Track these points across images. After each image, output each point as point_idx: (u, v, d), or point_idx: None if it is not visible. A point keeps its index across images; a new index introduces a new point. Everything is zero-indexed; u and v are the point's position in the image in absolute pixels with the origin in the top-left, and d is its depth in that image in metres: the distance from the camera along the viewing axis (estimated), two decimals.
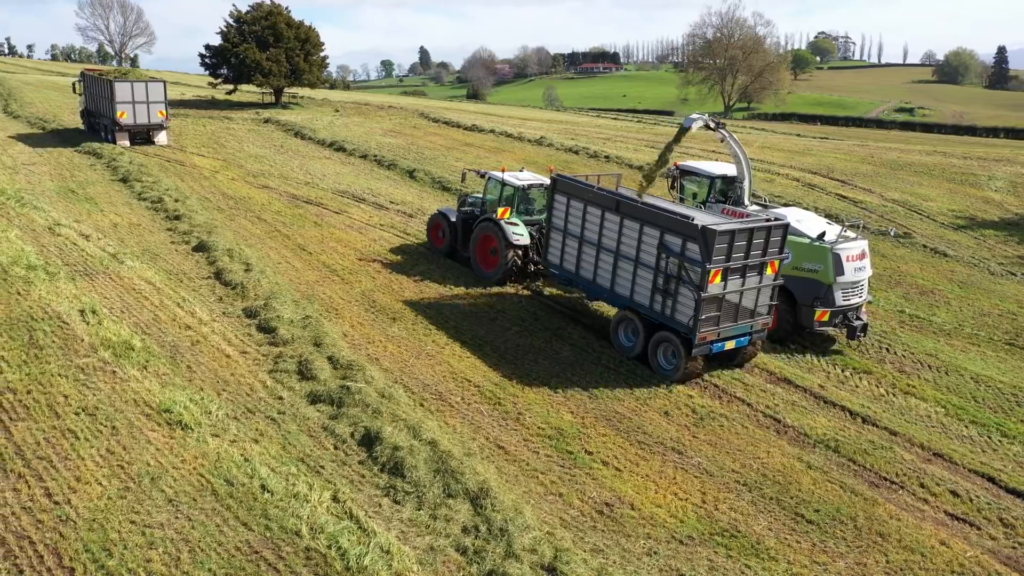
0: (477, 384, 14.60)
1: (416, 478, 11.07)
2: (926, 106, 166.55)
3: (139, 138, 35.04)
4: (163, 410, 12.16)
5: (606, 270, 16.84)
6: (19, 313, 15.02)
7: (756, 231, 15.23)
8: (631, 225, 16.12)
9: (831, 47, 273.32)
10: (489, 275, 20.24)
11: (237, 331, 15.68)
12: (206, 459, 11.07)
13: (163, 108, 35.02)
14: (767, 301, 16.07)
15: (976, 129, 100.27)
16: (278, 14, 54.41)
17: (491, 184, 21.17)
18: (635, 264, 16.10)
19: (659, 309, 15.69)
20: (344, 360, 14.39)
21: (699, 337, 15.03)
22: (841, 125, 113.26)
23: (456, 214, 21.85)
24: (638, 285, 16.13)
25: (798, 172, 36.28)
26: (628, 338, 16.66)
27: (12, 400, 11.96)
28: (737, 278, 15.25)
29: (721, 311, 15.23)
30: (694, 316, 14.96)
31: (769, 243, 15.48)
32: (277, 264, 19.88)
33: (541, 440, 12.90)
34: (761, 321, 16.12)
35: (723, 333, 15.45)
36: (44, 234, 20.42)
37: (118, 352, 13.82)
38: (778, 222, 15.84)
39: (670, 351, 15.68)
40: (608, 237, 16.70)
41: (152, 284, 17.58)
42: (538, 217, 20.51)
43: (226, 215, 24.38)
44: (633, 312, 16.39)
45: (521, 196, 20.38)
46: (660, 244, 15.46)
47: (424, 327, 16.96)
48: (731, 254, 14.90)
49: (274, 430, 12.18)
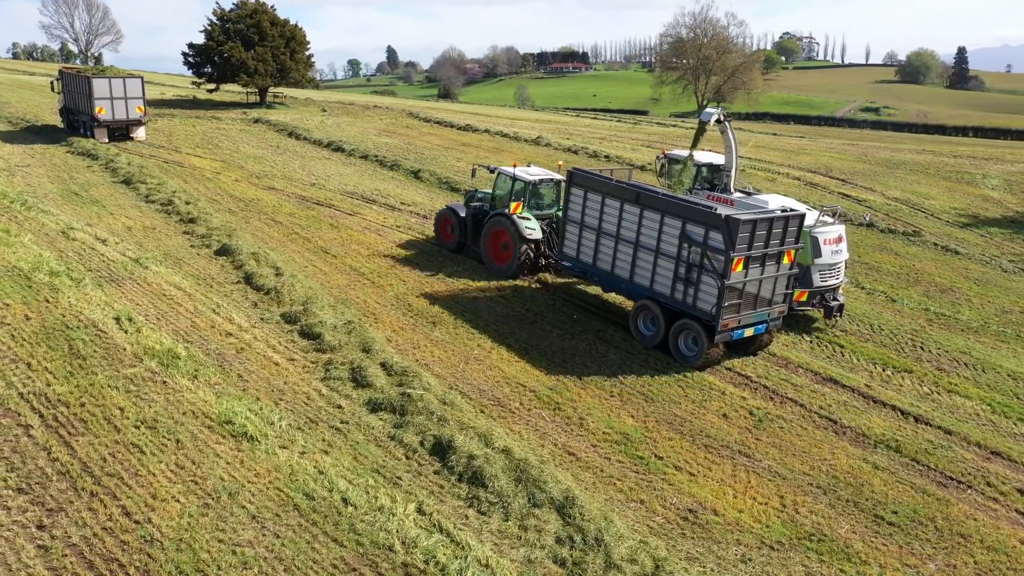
0: (532, 389, 14.35)
1: (499, 488, 10.79)
2: (891, 105, 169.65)
3: (118, 133, 35.11)
4: (224, 421, 11.73)
5: (625, 261, 17.15)
6: (53, 322, 14.43)
7: (775, 221, 15.67)
8: (651, 216, 16.44)
9: (796, 47, 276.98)
10: (502, 269, 20.38)
11: (280, 337, 15.24)
12: (280, 472, 10.67)
13: (141, 104, 35.23)
14: (783, 290, 16.42)
15: (945, 128, 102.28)
16: (263, 12, 53.49)
17: (501, 179, 21.30)
18: (655, 254, 16.43)
19: (680, 297, 16.02)
20: (398, 366, 14.05)
21: (722, 324, 15.36)
22: (814, 124, 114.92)
23: (465, 209, 21.95)
24: (658, 275, 16.47)
25: (798, 171, 36.56)
26: (647, 327, 16.94)
27: (67, 414, 11.45)
28: (757, 267, 15.65)
29: (742, 299, 15.58)
30: (717, 303, 15.31)
31: (787, 233, 15.91)
32: (304, 268, 19.42)
33: (609, 446, 12.69)
34: (777, 309, 16.48)
35: (743, 320, 15.84)
36: (58, 238, 19.71)
37: (164, 361, 13.33)
38: (795, 213, 16.23)
39: (691, 338, 16.01)
40: (627, 228, 16.99)
41: (182, 289, 17.04)
42: (547, 212, 20.81)
43: (239, 217, 23.79)
44: (653, 301, 16.61)
45: (531, 191, 20.54)
46: (682, 234, 15.81)
47: (466, 331, 16.66)
48: (752, 243, 15.31)
49: (341, 440, 11.81)
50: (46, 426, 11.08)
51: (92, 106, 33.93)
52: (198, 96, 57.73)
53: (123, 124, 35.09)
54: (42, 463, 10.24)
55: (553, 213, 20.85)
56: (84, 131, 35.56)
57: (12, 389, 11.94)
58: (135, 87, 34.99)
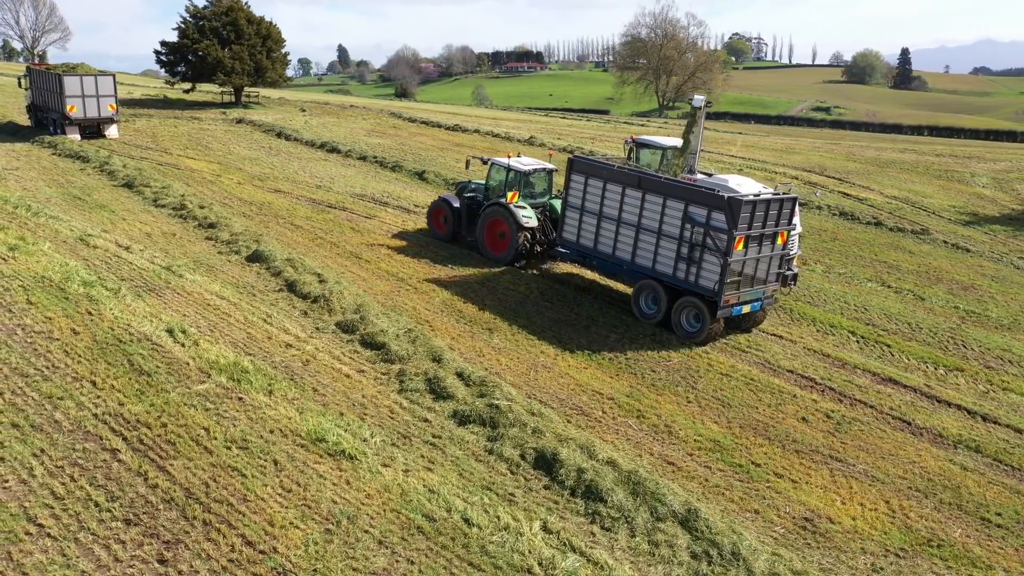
0: (610, 396, 14.03)
1: (617, 502, 10.45)
2: (840, 105, 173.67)
3: (89, 132, 34.53)
4: (316, 439, 11.14)
5: (626, 244, 17.88)
6: (104, 336, 13.60)
7: (772, 203, 16.48)
8: (653, 199, 17.16)
9: (746, 48, 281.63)
10: (499, 257, 20.98)
11: (341, 348, 14.64)
12: (391, 493, 10.16)
13: (113, 102, 34.73)
14: (776, 269, 17.29)
15: (901, 127, 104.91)
16: (238, 9, 52.08)
17: (494, 170, 21.79)
18: (658, 236, 17.17)
19: (683, 276, 16.79)
20: (475, 376, 13.59)
21: (724, 300, 16.15)
22: (774, 123, 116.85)
23: (459, 200, 22.38)
24: (660, 255, 17.21)
25: (794, 171, 36.94)
26: (649, 306, 17.68)
27: (151, 436, 10.73)
28: (755, 246, 16.49)
29: (742, 276, 16.41)
30: (719, 280, 16.09)
31: (781, 215, 16.75)
32: (342, 274, 18.75)
33: (704, 454, 12.44)
34: (771, 288, 17.39)
35: (742, 297, 16.69)
36: (79, 246, 18.70)
37: (234, 376, 12.65)
38: (789, 196, 17.06)
39: (693, 314, 16.82)
40: (629, 212, 17.69)
41: (225, 299, 16.28)
42: (540, 201, 21.44)
43: (257, 222, 22.94)
44: (655, 281, 17.34)
45: (525, 181, 21.12)
46: (685, 215, 16.56)
47: (525, 338, 16.26)
48: (752, 223, 16.14)
49: (440, 456, 11.32)
50: (133, 450, 10.36)
51: (63, 104, 33.19)
52: (169, 95, 55.95)
53: (95, 122, 34.51)
54: (142, 490, 9.56)
55: (546, 202, 21.45)
56: (54, 129, 34.78)
57: (85, 410, 11.17)
58: (107, 85, 34.44)
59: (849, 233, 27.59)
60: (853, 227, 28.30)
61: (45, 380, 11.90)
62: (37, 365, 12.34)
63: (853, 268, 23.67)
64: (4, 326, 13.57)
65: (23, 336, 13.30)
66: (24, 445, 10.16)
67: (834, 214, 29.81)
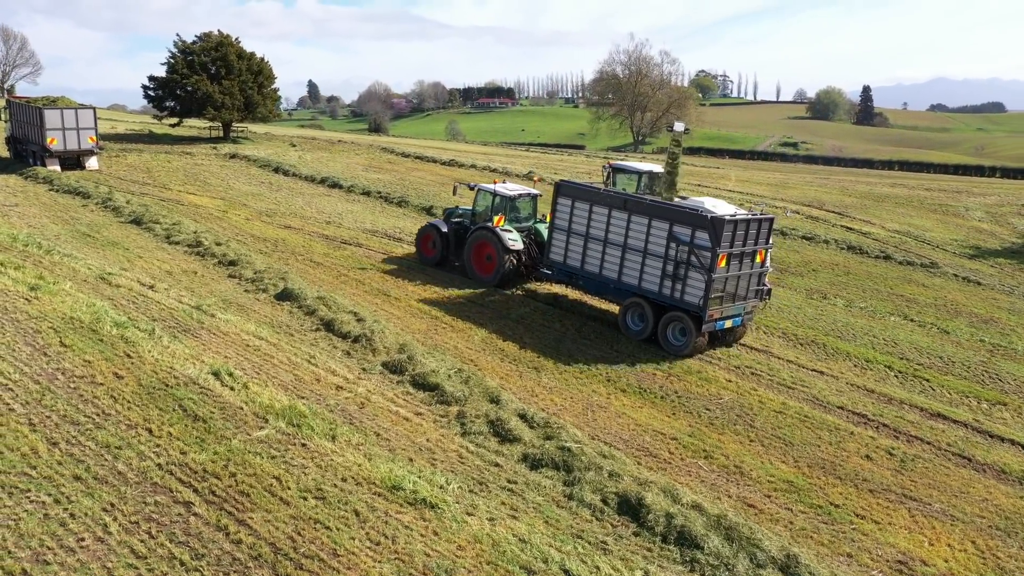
0: (672, 436, 13.71)
1: (714, 548, 10.08)
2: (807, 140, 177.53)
3: (69, 163, 34.89)
4: (392, 487, 10.65)
5: (613, 263, 18.71)
6: (149, 380, 13.00)
7: (751, 223, 17.49)
8: (639, 220, 18.08)
9: (712, 84, 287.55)
10: (487, 279, 21.63)
11: (393, 389, 14.17)
12: (482, 544, 9.69)
13: (93, 134, 35.30)
14: (756, 286, 18.18)
15: (872, 162, 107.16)
16: (228, 44, 51.76)
17: (481, 195, 22.73)
18: (643, 255, 18.05)
19: (668, 293, 17.64)
20: (538, 418, 13.21)
21: (708, 315, 16.97)
22: (748, 159, 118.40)
23: (447, 225, 23.14)
24: (647, 273, 18.06)
25: (794, 205, 37.33)
26: (635, 323, 18.43)
27: (221, 487, 10.17)
28: (737, 263, 17.40)
29: (724, 292, 17.24)
30: (704, 296, 16.95)
31: (760, 234, 17.78)
32: (375, 312, 18.30)
33: (781, 495, 12.15)
34: (751, 304, 18.31)
35: (725, 312, 17.53)
36: (100, 285, 18.05)
37: (293, 421, 12.13)
38: (767, 216, 18.16)
39: (679, 329, 17.60)
40: (615, 232, 18.57)
41: (263, 339, 15.74)
42: (525, 224, 22.31)
43: (276, 259, 22.43)
44: (642, 298, 18.13)
45: (511, 205, 22.02)
46: (670, 235, 17.46)
47: (572, 376, 15.92)
48: (734, 241, 17.06)
49: (521, 503, 10.89)
50: (207, 502, 9.79)
51: (44, 136, 33.60)
52: (154, 130, 55.31)
53: (75, 154, 34.89)
54: (227, 547, 8.99)
55: (531, 226, 22.35)
56: (34, 160, 35.08)
57: (147, 460, 10.58)
58: (87, 118, 35.06)
59: (860, 267, 27.79)
60: (863, 261, 28.52)
61: (98, 428, 11.28)
62: (87, 412, 11.71)
63: (872, 302, 23.75)
64: (44, 371, 12.92)
65: (65, 381, 12.66)
66: (92, 499, 9.54)
67: (842, 248, 30.06)
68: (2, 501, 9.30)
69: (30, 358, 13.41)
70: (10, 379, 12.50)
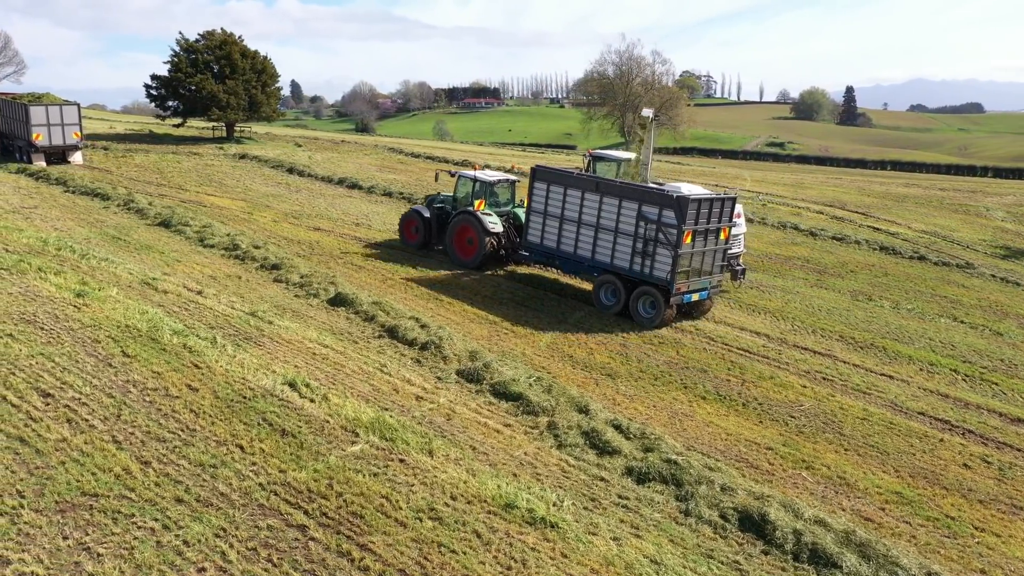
0: (767, 446, 13.24)
1: (852, 567, 9.60)
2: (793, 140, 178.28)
3: (55, 159, 35.85)
4: (505, 505, 10.10)
5: (587, 242, 19.69)
6: (225, 392, 12.36)
7: (715, 201, 18.53)
8: (610, 201, 19.10)
9: (696, 85, 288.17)
10: (467, 262, 22.57)
11: (476, 399, 13.59)
12: (615, 567, 9.17)
13: (78, 130, 36.39)
14: (720, 262, 19.31)
15: (866, 162, 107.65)
16: (232, 43, 50.86)
17: (462, 182, 23.70)
18: (615, 234, 19.05)
19: (638, 269, 18.67)
20: (633, 428, 12.69)
21: (676, 288, 18.10)
22: (741, 159, 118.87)
23: (429, 211, 24.17)
24: (618, 251, 19.06)
25: (817, 205, 37.07)
26: (608, 298, 19.46)
27: (331, 508, 9.57)
28: (702, 240, 18.42)
29: (690, 267, 18.34)
30: (671, 271, 18.04)
31: (723, 212, 18.75)
32: (433, 317, 17.70)
33: (895, 507, 11.70)
34: (716, 278, 19.41)
35: (691, 286, 18.63)
36: (147, 291, 17.32)
37: (384, 435, 11.54)
38: (729, 196, 19.13)
39: (649, 303, 18.66)
40: (588, 213, 19.57)
41: (328, 347, 15.11)
42: (504, 209, 23.30)
43: (316, 262, 21.76)
44: (614, 275, 19.16)
45: (490, 191, 22.92)
46: (639, 214, 18.46)
47: (649, 384, 15.41)
48: (698, 219, 18.08)
49: (640, 521, 10.36)
50: (321, 526, 9.19)
51: (29, 132, 34.71)
52: (154, 130, 54.28)
53: (60, 150, 35.85)
54: (355, 574, 8.39)
55: (510, 210, 23.30)
56: (20, 156, 36.17)
57: (247, 480, 9.95)
58: (72, 114, 36.11)
59: (897, 268, 27.52)
60: (898, 262, 28.25)
61: (187, 445, 10.64)
62: (170, 428, 11.06)
63: (918, 304, 23.44)
64: (114, 384, 12.24)
65: (139, 395, 11.99)
66: (201, 524, 8.91)
67: (874, 248, 29.79)
68: (108, 528, 8.65)
69: (96, 370, 12.72)
70: (82, 393, 11.81)
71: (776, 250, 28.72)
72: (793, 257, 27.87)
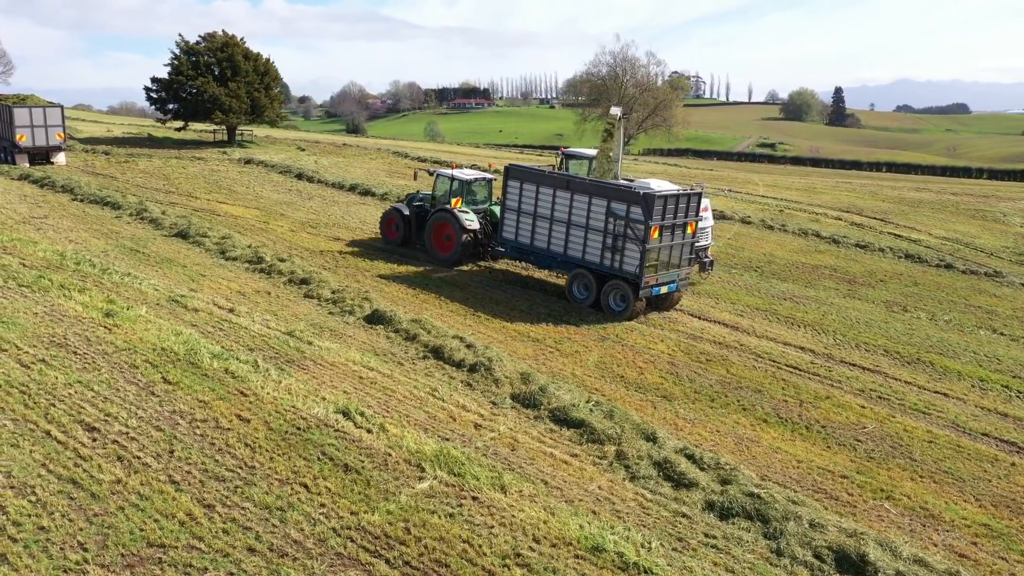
0: (842, 474, 12.69)
1: None
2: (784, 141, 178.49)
3: (38, 159, 36.56)
4: (593, 548, 9.50)
5: (559, 238, 20.27)
6: (278, 424, 11.70)
7: (681, 197, 19.14)
8: (580, 198, 19.65)
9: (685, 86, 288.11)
10: (446, 258, 23.15)
11: (535, 426, 12.97)
12: None
13: (61, 131, 37.12)
14: (687, 255, 19.93)
15: (861, 164, 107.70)
16: (235, 45, 49.96)
17: (440, 180, 24.31)
18: (586, 230, 19.61)
19: (609, 263, 19.27)
20: (707, 458, 12.11)
21: (644, 281, 18.65)
22: (736, 160, 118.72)
23: (409, 209, 24.87)
24: (589, 246, 19.62)
25: (835, 211, 36.68)
26: (581, 292, 20.06)
27: (413, 556, 8.93)
28: (669, 234, 19.01)
29: (659, 261, 18.92)
30: (640, 265, 18.60)
31: (689, 207, 19.37)
32: (476, 337, 17.05)
33: (985, 541, 11.17)
34: (684, 271, 20.04)
35: (660, 279, 19.19)
36: (177, 309, 16.60)
37: (452, 469, 10.92)
38: (695, 191, 19.75)
39: (619, 296, 19.26)
40: (560, 211, 20.14)
41: (374, 370, 14.45)
42: (481, 206, 23.87)
43: (343, 275, 21.07)
44: (586, 269, 19.75)
45: (467, 189, 23.50)
46: (608, 211, 19.03)
47: (706, 405, 14.85)
48: (665, 215, 18.68)
49: (732, 563, 9.78)
50: None
51: (13, 133, 35.56)
52: (153, 134, 53.34)
53: (44, 150, 36.56)
54: None
55: (486, 207, 23.82)
56: (4, 156, 36.88)
57: (319, 524, 9.30)
58: (55, 116, 36.96)
59: (925, 277, 27.10)
60: (926, 271, 27.85)
61: (249, 485, 9.98)
62: (227, 465, 10.40)
63: (954, 315, 23.01)
64: (160, 415, 11.55)
65: (188, 427, 11.31)
66: None
67: (899, 256, 29.38)
68: None
69: (139, 399, 12.02)
70: (129, 426, 11.12)
71: (802, 258, 28.26)
72: (820, 266, 27.41)
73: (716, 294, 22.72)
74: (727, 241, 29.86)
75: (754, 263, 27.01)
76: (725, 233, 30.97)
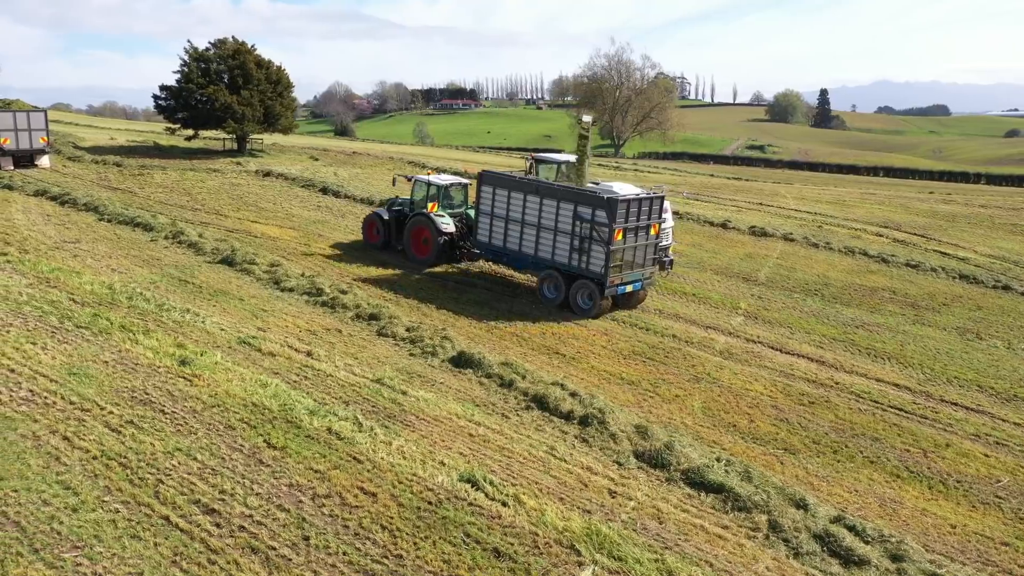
0: (1002, 540, 11.80)
1: None
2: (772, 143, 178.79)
3: (23, 162, 37.62)
4: None
5: (530, 241, 21.23)
6: (407, 498, 10.65)
7: (644, 200, 20.01)
8: (549, 203, 20.58)
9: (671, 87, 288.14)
10: (423, 260, 24.31)
11: (672, 492, 11.98)
12: None
13: (44, 135, 38.22)
14: (651, 255, 20.80)
15: (858, 168, 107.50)
16: (246, 52, 48.53)
17: (418, 185, 25.38)
18: (554, 232, 20.59)
19: (576, 264, 20.23)
20: (869, 530, 11.17)
21: (609, 281, 19.61)
22: (731, 164, 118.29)
23: (389, 213, 25.88)
24: (558, 248, 20.62)
25: (873, 227, 36.00)
26: (551, 291, 21.03)
27: None
28: (632, 236, 19.86)
29: (623, 261, 19.77)
30: (605, 265, 19.53)
31: (652, 210, 20.26)
32: (566, 377, 16.03)
33: None
34: (648, 271, 20.93)
35: (624, 279, 20.16)
36: (252, 354, 15.45)
37: (610, 551, 9.94)
38: (658, 194, 20.69)
39: (586, 294, 20.26)
40: (530, 214, 21.09)
41: (481, 424, 13.40)
42: (458, 210, 24.97)
43: (409, 309, 19.96)
44: (555, 270, 20.70)
45: (444, 193, 24.65)
46: (574, 214, 19.93)
47: (831, 457, 13.92)
48: (628, 217, 19.51)
49: None
50: None
51: None
52: (160, 142, 51.76)
53: (28, 153, 37.71)
54: None
55: (463, 211, 24.91)
56: None
57: None
58: (38, 120, 38.05)
59: (986, 299, 26.40)
60: (985, 293, 27.16)
61: None
62: (372, 554, 9.33)
63: None
64: (278, 490, 10.45)
65: (313, 506, 10.22)
66: None
67: (952, 277, 28.67)
68: None
69: (249, 470, 10.91)
70: (250, 506, 10.01)
71: (857, 279, 27.48)
72: (877, 288, 26.64)
73: (788, 323, 21.85)
74: (776, 260, 29.05)
75: (811, 286, 26.19)
76: (772, 252, 30.17)
